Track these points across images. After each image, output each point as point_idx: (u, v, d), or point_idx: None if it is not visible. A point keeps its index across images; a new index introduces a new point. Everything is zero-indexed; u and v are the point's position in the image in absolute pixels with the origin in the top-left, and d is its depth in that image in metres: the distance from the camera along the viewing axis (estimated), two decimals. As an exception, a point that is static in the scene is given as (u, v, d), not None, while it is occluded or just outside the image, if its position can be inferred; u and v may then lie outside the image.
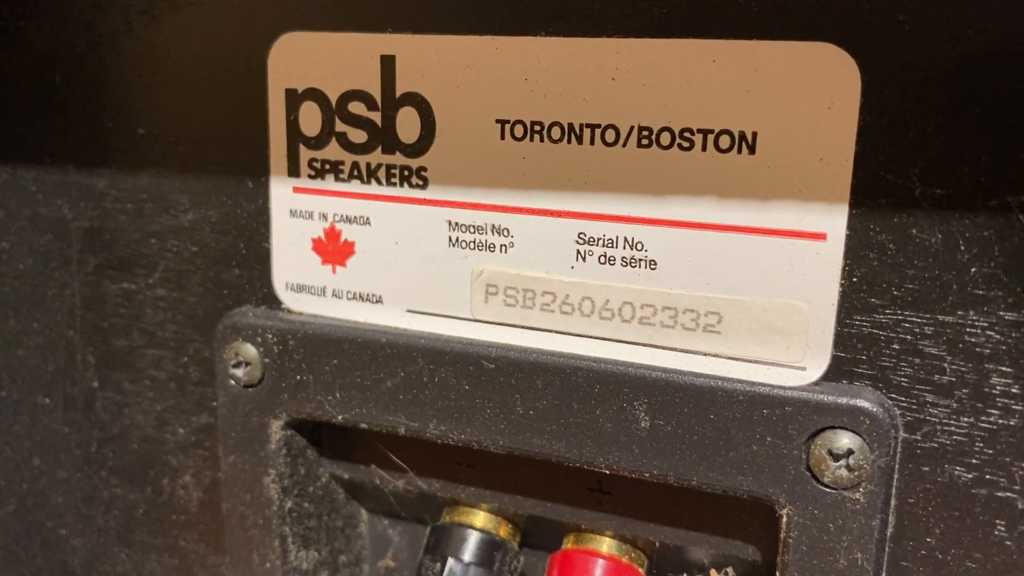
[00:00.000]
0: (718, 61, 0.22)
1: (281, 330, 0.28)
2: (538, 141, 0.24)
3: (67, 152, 0.32)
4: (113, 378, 0.33)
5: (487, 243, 0.26)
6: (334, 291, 0.28)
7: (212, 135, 0.29)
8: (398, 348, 0.27)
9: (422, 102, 0.25)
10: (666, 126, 0.23)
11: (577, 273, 0.25)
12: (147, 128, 0.30)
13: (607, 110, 0.23)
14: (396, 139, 0.26)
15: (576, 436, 0.25)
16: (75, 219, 0.32)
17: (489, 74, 0.24)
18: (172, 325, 0.31)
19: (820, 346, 0.23)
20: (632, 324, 0.24)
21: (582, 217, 0.24)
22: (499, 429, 0.26)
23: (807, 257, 0.22)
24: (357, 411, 0.28)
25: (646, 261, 0.24)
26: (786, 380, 0.23)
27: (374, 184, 0.27)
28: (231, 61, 0.28)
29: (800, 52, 0.21)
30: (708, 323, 0.23)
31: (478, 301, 0.26)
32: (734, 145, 0.22)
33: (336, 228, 0.28)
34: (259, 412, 0.29)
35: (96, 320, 0.33)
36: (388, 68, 0.26)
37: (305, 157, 0.27)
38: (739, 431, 0.23)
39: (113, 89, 0.30)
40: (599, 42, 0.23)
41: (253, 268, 0.29)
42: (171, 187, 0.30)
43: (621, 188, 0.24)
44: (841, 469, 0.22)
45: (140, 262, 0.31)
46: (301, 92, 0.27)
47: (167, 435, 0.33)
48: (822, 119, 0.21)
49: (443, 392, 0.26)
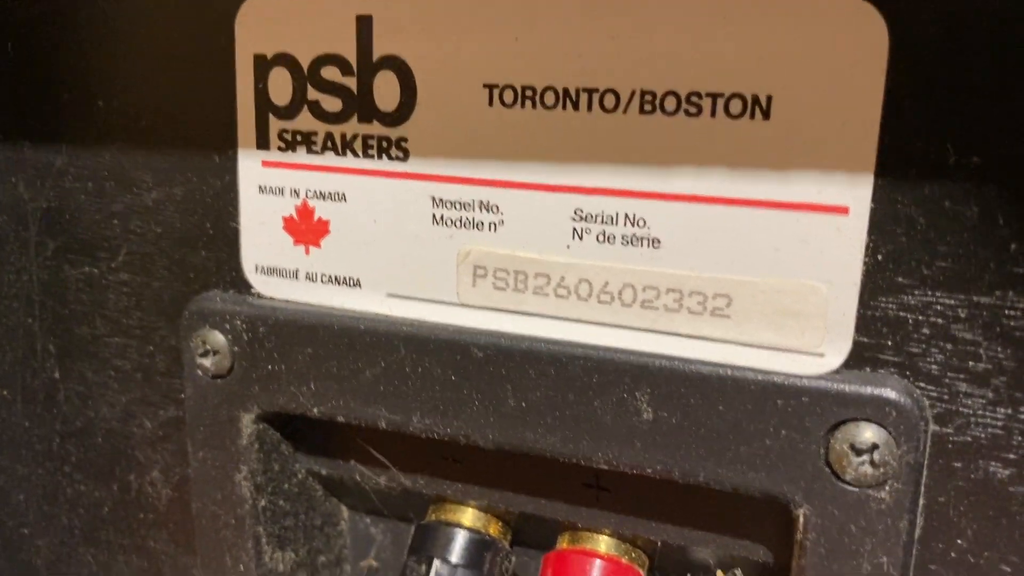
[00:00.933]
0: (729, 17, 0.20)
1: (251, 316, 0.26)
2: (530, 108, 0.22)
3: (21, 127, 0.29)
4: (76, 368, 0.31)
5: (474, 221, 0.23)
6: (307, 274, 0.26)
7: (176, 106, 0.27)
8: (378, 335, 0.25)
9: (402, 66, 0.23)
10: (671, 90, 0.21)
11: (573, 253, 0.23)
12: (106, 100, 0.28)
13: (606, 73, 0.21)
14: (374, 107, 0.24)
15: (572, 430, 0.23)
16: (32, 199, 0.30)
17: (475, 34, 0.22)
18: (137, 312, 0.29)
19: (840, 331, 0.21)
20: (633, 308, 0.22)
21: (579, 191, 0.22)
22: (488, 423, 0.24)
23: (827, 233, 0.20)
24: (334, 403, 0.25)
25: (649, 239, 0.22)
26: (803, 368, 0.21)
27: (350, 156, 0.24)
28: (196, 25, 0.26)
29: (820, 6, 0.19)
30: (716, 306, 0.21)
31: (465, 284, 0.24)
32: (746, 110, 0.20)
33: (309, 205, 0.25)
34: (229, 404, 0.27)
35: (56, 307, 0.31)
36: (364, 29, 0.23)
37: (275, 128, 0.25)
38: (751, 424, 0.21)
39: (68, 58, 0.28)
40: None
41: (221, 250, 0.27)
42: (133, 163, 0.28)
43: (621, 159, 0.21)
44: (865, 465, 0.20)
45: (102, 245, 0.29)
46: (271, 57, 0.25)
47: (133, 429, 0.30)
48: (844, 81, 0.19)
49: (427, 383, 0.24)
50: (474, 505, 0.28)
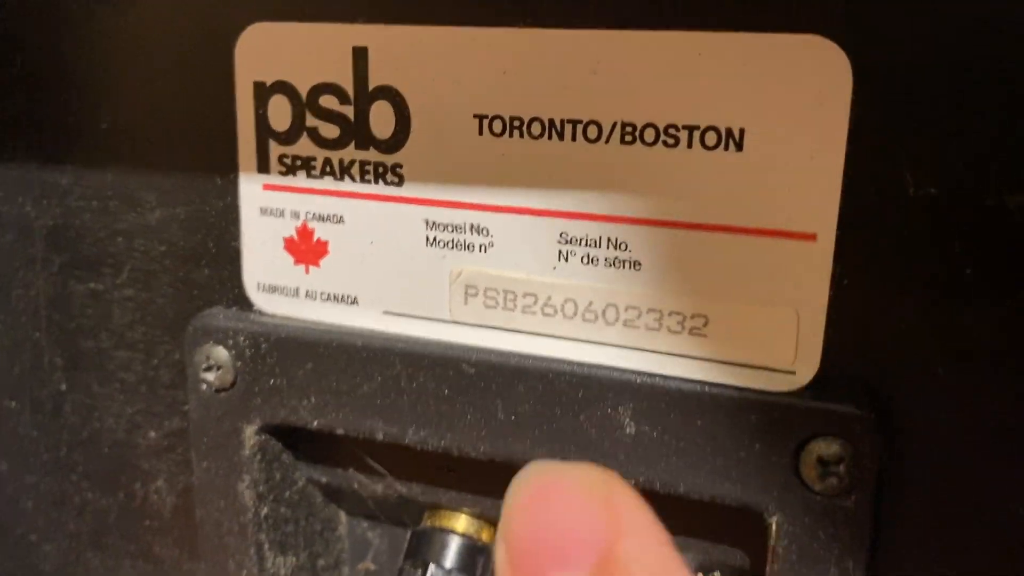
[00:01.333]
0: (704, 54, 0.21)
1: (253, 333, 0.27)
2: (518, 137, 0.23)
3: (28, 148, 0.30)
4: (82, 380, 0.32)
5: (466, 243, 0.25)
6: (307, 292, 0.27)
7: (179, 129, 0.28)
8: (375, 352, 0.26)
9: (396, 96, 0.24)
10: (650, 122, 0.22)
11: (559, 274, 0.24)
12: (111, 122, 0.29)
13: (589, 105, 0.22)
14: (370, 134, 0.25)
15: (559, 442, 0.24)
16: (38, 217, 0.31)
17: (466, 67, 0.23)
18: (141, 326, 0.30)
19: (810, 350, 0.22)
20: (616, 326, 0.23)
21: (564, 216, 0.23)
22: (480, 435, 0.25)
23: (796, 258, 0.21)
24: (333, 416, 0.27)
25: (630, 262, 0.23)
26: (775, 385, 0.22)
27: (347, 181, 0.26)
28: (197, 52, 0.27)
29: (788, 45, 0.20)
30: (694, 326, 0.23)
31: (457, 302, 0.25)
32: (721, 142, 0.21)
33: (309, 227, 0.27)
34: (232, 417, 0.28)
35: (63, 321, 0.32)
36: (360, 60, 0.25)
37: (275, 153, 0.26)
38: (727, 438, 0.22)
39: (75, 81, 0.29)
40: (580, 34, 0.22)
41: (223, 268, 0.28)
42: (137, 184, 0.29)
43: (604, 186, 0.23)
44: (832, 477, 0.21)
45: (107, 261, 0.30)
46: (270, 85, 0.26)
47: (138, 439, 0.32)
48: (812, 115, 0.20)
49: (422, 397, 0.25)
50: (467, 512, 0.29)
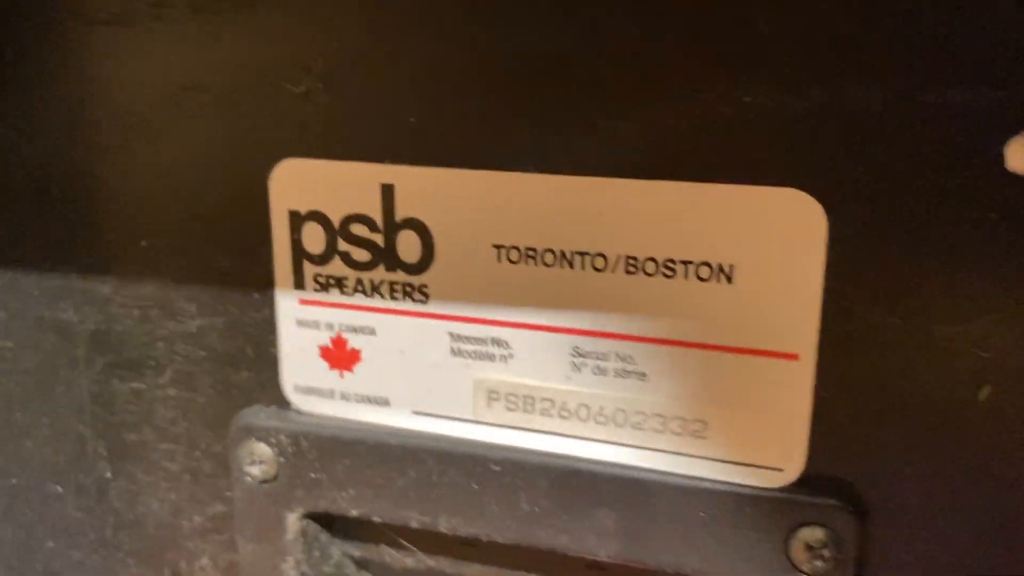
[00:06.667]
0: (697, 202, 0.24)
1: (293, 432, 0.30)
2: (532, 264, 0.26)
3: (68, 259, 0.33)
4: (126, 469, 0.35)
5: (487, 353, 0.28)
6: (342, 394, 0.30)
7: (216, 249, 0.30)
8: (408, 450, 0.29)
9: (421, 227, 0.27)
10: (651, 256, 0.25)
11: (573, 382, 0.27)
12: (149, 241, 0.31)
13: (595, 240, 0.25)
14: (397, 259, 0.28)
15: (577, 531, 0.27)
16: (81, 322, 0.33)
17: (484, 204, 0.26)
18: (183, 422, 0.33)
19: (796, 451, 0.25)
20: (625, 428, 0.27)
21: (576, 333, 0.26)
22: (505, 524, 0.28)
23: (782, 374, 0.25)
24: (371, 506, 0.30)
25: (636, 373, 0.26)
26: (766, 481, 0.25)
27: (377, 298, 0.28)
28: (232, 182, 0.29)
29: (770, 196, 0.23)
30: (695, 429, 0.26)
31: (481, 405, 0.28)
32: (713, 275, 0.25)
33: (343, 337, 0.29)
34: (276, 506, 0.31)
35: (107, 415, 0.34)
36: (388, 195, 0.27)
37: (310, 272, 0.29)
38: (725, 526, 0.26)
39: (112, 203, 0.31)
40: (585, 180, 0.25)
41: (262, 371, 0.31)
42: (177, 296, 0.31)
43: (611, 308, 0.26)
44: (818, 560, 0.25)
45: (149, 363, 0.33)
46: (304, 214, 0.29)
47: (183, 522, 0.34)
48: (793, 254, 0.24)
49: (452, 491, 0.28)
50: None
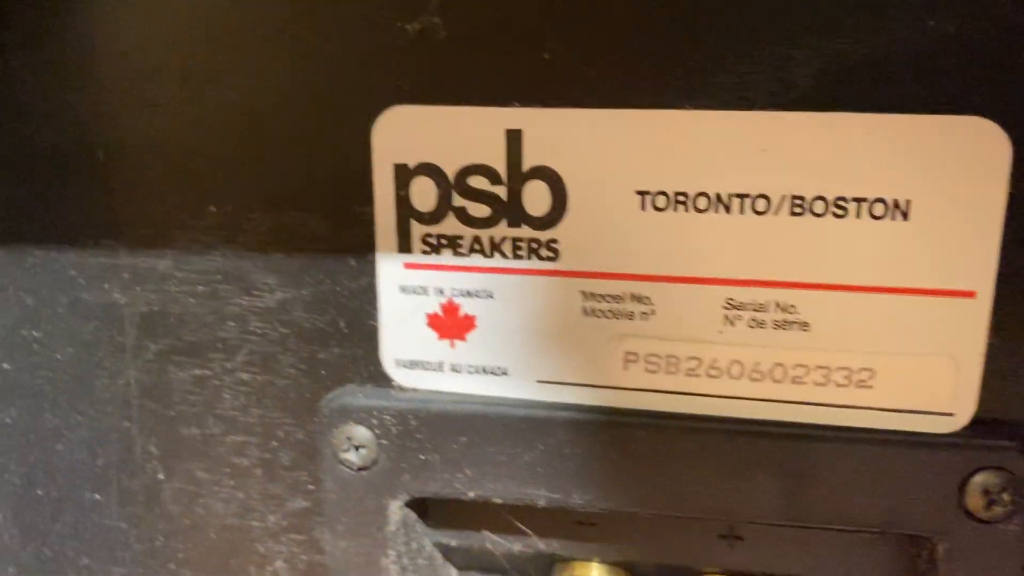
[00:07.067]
0: (871, 134, 0.23)
1: (400, 410, 0.27)
2: (682, 211, 0.25)
3: (114, 233, 0.29)
4: (183, 468, 0.31)
5: (625, 312, 0.26)
6: (452, 365, 0.27)
7: (304, 212, 0.27)
8: (535, 422, 0.26)
9: (552, 175, 0.25)
10: (819, 195, 0.24)
11: (725, 337, 0.25)
12: (221, 205, 0.28)
13: (757, 181, 0.24)
14: (523, 213, 0.26)
15: (735, 497, 0.25)
16: (129, 304, 0.30)
17: (627, 147, 0.24)
18: (257, 409, 0.30)
19: (968, 394, 0.24)
20: (784, 384, 0.25)
21: (730, 283, 0.25)
22: (649, 495, 0.26)
23: (957, 313, 0.24)
24: (491, 487, 0.27)
25: (798, 323, 0.25)
26: (937, 427, 0.24)
27: (498, 258, 0.26)
28: (326, 134, 0.26)
29: (952, 125, 0.22)
30: (861, 379, 0.25)
31: (616, 369, 0.26)
32: (888, 212, 0.23)
33: (454, 302, 0.27)
34: (376, 494, 0.28)
35: (159, 409, 0.30)
36: (514, 142, 0.25)
37: (418, 232, 0.26)
38: (896, 479, 0.24)
39: (172, 164, 0.28)
40: (748, 115, 0.23)
41: (356, 346, 0.28)
42: (253, 267, 0.28)
43: (772, 253, 0.24)
44: (995, 505, 0.24)
45: (215, 347, 0.29)
46: (413, 167, 0.26)
47: (253, 523, 0.31)
48: (974, 187, 0.23)
49: (587, 463, 0.26)
50: (599, 562, 0.30)
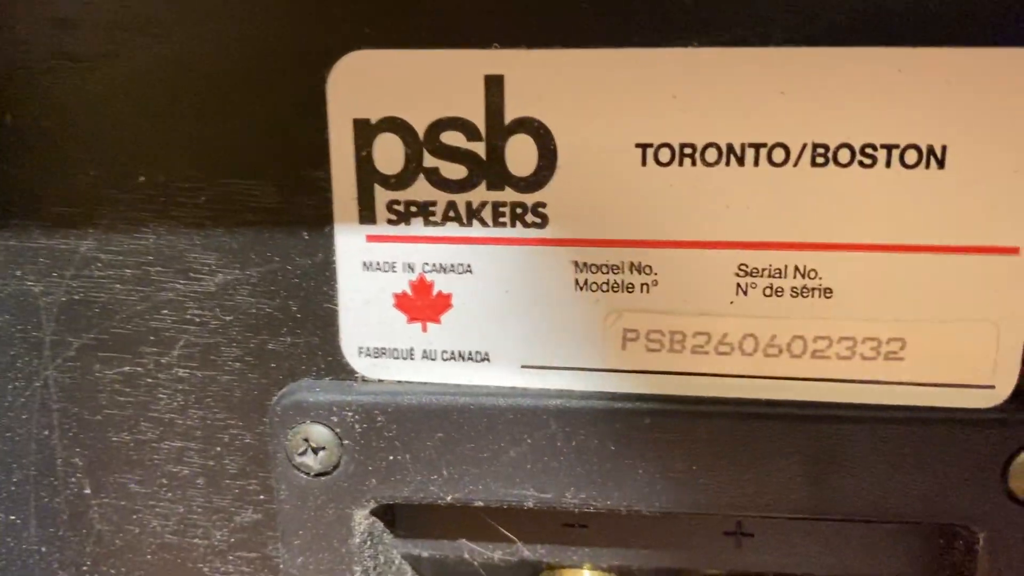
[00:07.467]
0: (904, 71, 0.20)
1: (365, 405, 0.24)
2: (689, 165, 0.21)
3: (27, 211, 0.25)
4: (112, 481, 0.27)
5: (624, 283, 0.23)
6: (425, 352, 0.24)
7: (247, 179, 0.24)
8: (523, 412, 0.23)
9: (539, 128, 0.22)
10: (845, 142, 0.21)
11: (737, 308, 0.22)
12: (151, 174, 0.24)
13: (775, 127, 0.21)
14: (506, 173, 0.22)
15: (752, 487, 0.22)
16: (46, 293, 0.25)
17: (626, 92, 0.21)
18: (196, 410, 0.26)
19: (1010, 363, 0.22)
20: (803, 359, 0.22)
21: (743, 247, 0.22)
22: (655, 491, 0.23)
23: (998, 272, 0.21)
24: (472, 489, 0.24)
25: (820, 290, 0.22)
26: (976, 402, 0.22)
27: (477, 226, 0.23)
28: (272, 87, 0.23)
29: (996, 59, 0.20)
30: (890, 350, 0.22)
31: (613, 348, 0.23)
32: (921, 160, 0.21)
33: (427, 279, 0.23)
34: (338, 502, 0.24)
35: (83, 414, 0.26)
36: (494, 90, 0.22)
37: (382, 199, 0.23)
38: (932, 460, 0.22)
39: (92, 127, 0.24)
40: (765, 52, 0.21)
41: (312, 334, 0.24)
42: (190, 246, 0.24)
43: (791, 211, 0.21)
44: (1044, 487, 0.21)
45: (146, 339, 0.25)
46: (375, 122, 0.22)
47: (196, 540, 0.27)
48: (1017, 130, 0.20)
49: (583, 456, 0.23)
50: (590, 568, 0.27)
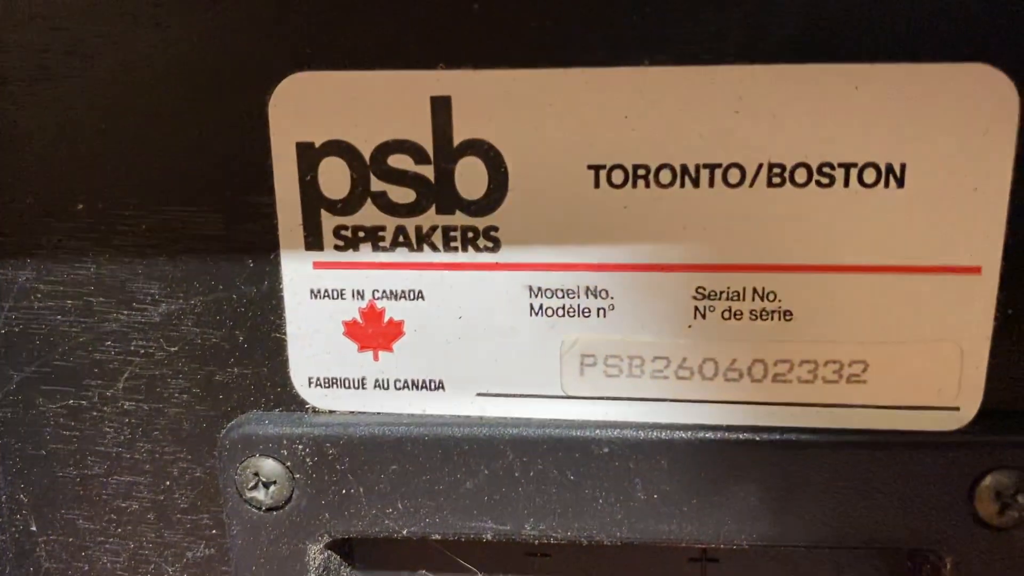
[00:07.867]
0: (861, 87, 0.20)
1: (316, 438, 0.23)
2: (643, 187, 0.21)
3: (-40, 239, 0.24)
4: (59, 518, 0.26)
5: (580, 308, 0.22)
6: (377, 381, 0.23)
7: (188, 206, 0.23)
8: (479, 442, 0.22)
9: (489, 150, 0.21)
10: (802, 161, 0.20)
11: (696, 332, 0.22)
12: (90, 201, 0.23)
13: (730, 147, 0.20)
14: (456, 196, 0.22)
15: (715, 515, 0.22)
16: (-17, 325, 0.25)
17: (577, 113, 0.21)
18: (144, 443, 0.25)
19: (973, 384, 0.21)
20: (764, 383, 0.22)
21: (701, 269, 0.21)
22: (615, 520, 0.22)
23: (960, 292, 0.21)
24: (428, 522, 0.23)
25: (780, 312, 0.21)
26: (940, 424, 0.21)
27: (427, 251, 0.22)
28: (212, 110, 0.22)
29: (953, 75, 0.19)
30: (852, 373, 0.21)
31: (571, 375, 0.22)
32: (880, 179, 0.20)
33: (377, 307, 0.23)
34: (291, 538, 0.24)
35: (26, 449, 0.25)
36: (442, 112, 0.21)
37: (330, 225, 0.22)
38: (896, 485, 0.21)
39: (26, 152, 0.23)
40: (718, 70, 0.20)
41: (260, 365, 0.24)
42: (132, 275, 0.23)
43: (748, 233, 0.21)
44: (1010, 509, 0.21)
45: (90, 371, 0.24)
46: (320, 146, 0.22)
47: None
48: (977, 146, 0.20)
49: (541, 487, 0.22)
50: (557, 595, 0.26)
